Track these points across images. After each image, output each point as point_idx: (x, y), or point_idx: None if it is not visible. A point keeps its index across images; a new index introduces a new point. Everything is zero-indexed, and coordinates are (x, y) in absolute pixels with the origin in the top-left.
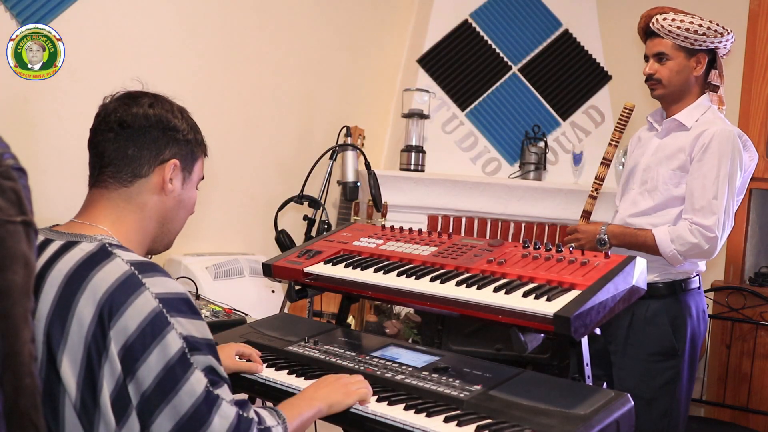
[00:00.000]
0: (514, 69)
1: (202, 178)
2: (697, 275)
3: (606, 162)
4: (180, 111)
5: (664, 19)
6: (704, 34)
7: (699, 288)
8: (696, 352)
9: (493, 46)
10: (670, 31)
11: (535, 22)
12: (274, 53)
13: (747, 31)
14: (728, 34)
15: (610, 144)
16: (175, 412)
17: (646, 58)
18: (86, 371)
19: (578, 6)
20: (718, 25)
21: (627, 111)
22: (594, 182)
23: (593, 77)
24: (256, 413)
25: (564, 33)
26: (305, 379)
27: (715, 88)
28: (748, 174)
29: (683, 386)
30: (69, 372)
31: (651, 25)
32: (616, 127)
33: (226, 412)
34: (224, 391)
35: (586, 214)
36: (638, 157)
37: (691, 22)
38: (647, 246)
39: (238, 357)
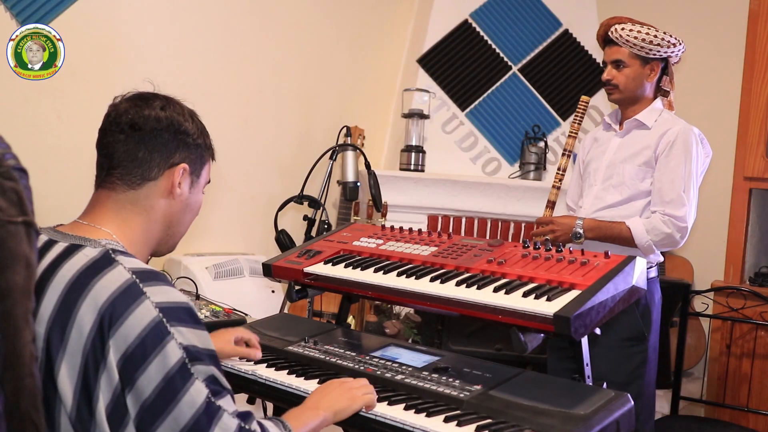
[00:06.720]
0: (514, 69)
1: (209, 182)
2: (656, 264)
3: (567, 153)
4: (190, 115)
5: (623, 29)
6: (658, 44)
7: (656, 276)
8: (657, 337)
9: (493, 46)
10: (627, 41)
11: (535, 22)
12: (274, 53)
13: (747, 31)
14: (680, 45)
15: (569, 136)
16: (175, 423)
17: (604, 64)
18: (83, 380)
19: (578, 6)
20: (671, 36)
21: (584, 104)
22: (557, 173)
23: (593, 77)
24: (260, 425)
25: (564, 33)
26: (305, 379)
27: (666, 93)
28: (704, 169)
29: (651, 369)
30: (66, 380)
31: (610, 33)
32: (575, 119)
33: (227, 424)
34: (226, 402)
35: (551, 205)
36: (598, 155)
37: (647, 33)
38: (622, 238)
39: (235, 342)
